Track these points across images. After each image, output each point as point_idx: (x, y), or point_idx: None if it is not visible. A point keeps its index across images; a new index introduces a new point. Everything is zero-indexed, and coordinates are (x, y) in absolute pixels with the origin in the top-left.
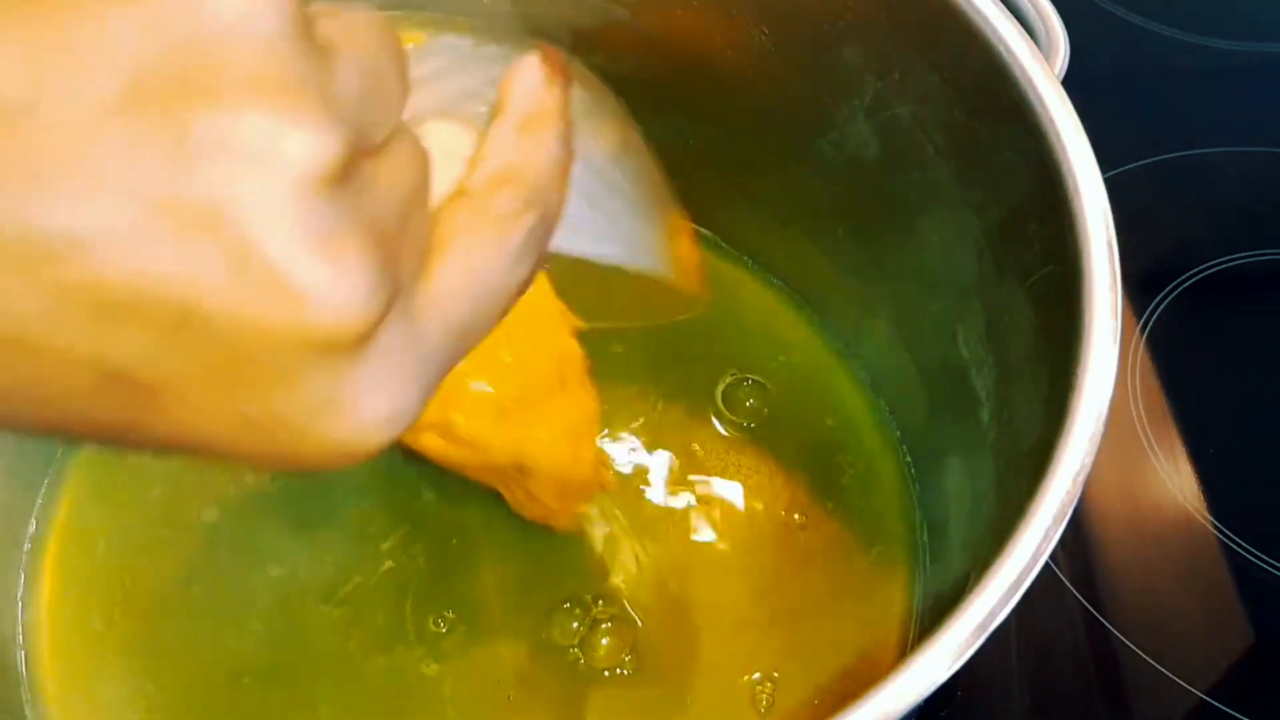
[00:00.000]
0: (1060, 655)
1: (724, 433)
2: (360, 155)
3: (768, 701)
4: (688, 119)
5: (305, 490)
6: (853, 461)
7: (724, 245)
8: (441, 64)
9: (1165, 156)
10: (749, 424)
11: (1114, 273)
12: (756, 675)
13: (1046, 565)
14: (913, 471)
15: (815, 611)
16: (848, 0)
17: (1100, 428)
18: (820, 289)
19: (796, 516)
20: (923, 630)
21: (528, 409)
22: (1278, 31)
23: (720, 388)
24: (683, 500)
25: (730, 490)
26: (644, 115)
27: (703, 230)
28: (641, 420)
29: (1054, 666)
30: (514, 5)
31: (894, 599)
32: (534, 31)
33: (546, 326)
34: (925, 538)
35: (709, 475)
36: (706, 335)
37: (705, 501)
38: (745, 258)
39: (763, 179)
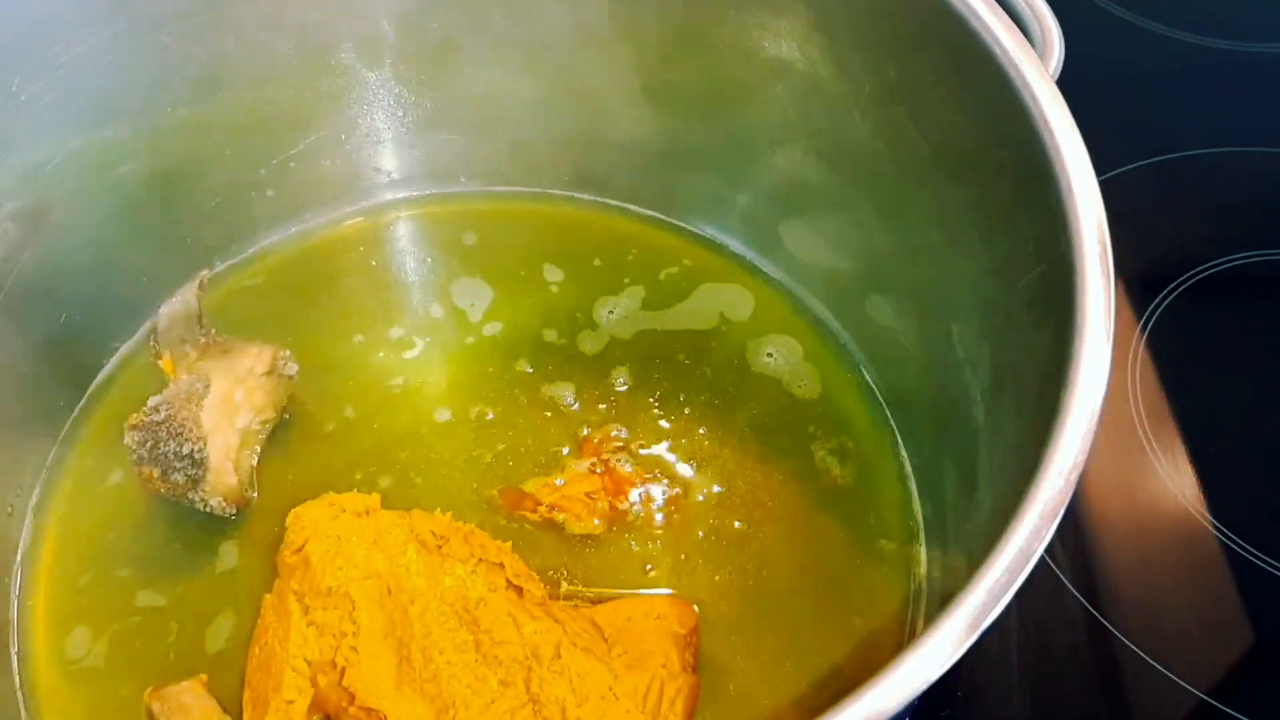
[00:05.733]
0: (1060, 655)
1: (725, 434)
2: None
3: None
4: (692, 118)
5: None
6: (850, 459)
7: (721, 240)
8: None
9: (1165, 156)
10: (749, 423)
11: (1107, 272)
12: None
13: (1047, 565)
14: (909, 470)
15: (811, 609)
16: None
17: (1093, 425)
18: (817, 289)
19: (794, 516)
20: (918, 627)
21: None
22: (1278, 32)
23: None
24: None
25: (727, 489)
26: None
27: (702, 227)
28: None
29: (1054, 666)
30: None
31: (890, 596)
32: None
33: None
34: (922, 535)
35: (707, 470)
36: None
37: (701, 499)
38: (740, 254)
39: (764, 174)
